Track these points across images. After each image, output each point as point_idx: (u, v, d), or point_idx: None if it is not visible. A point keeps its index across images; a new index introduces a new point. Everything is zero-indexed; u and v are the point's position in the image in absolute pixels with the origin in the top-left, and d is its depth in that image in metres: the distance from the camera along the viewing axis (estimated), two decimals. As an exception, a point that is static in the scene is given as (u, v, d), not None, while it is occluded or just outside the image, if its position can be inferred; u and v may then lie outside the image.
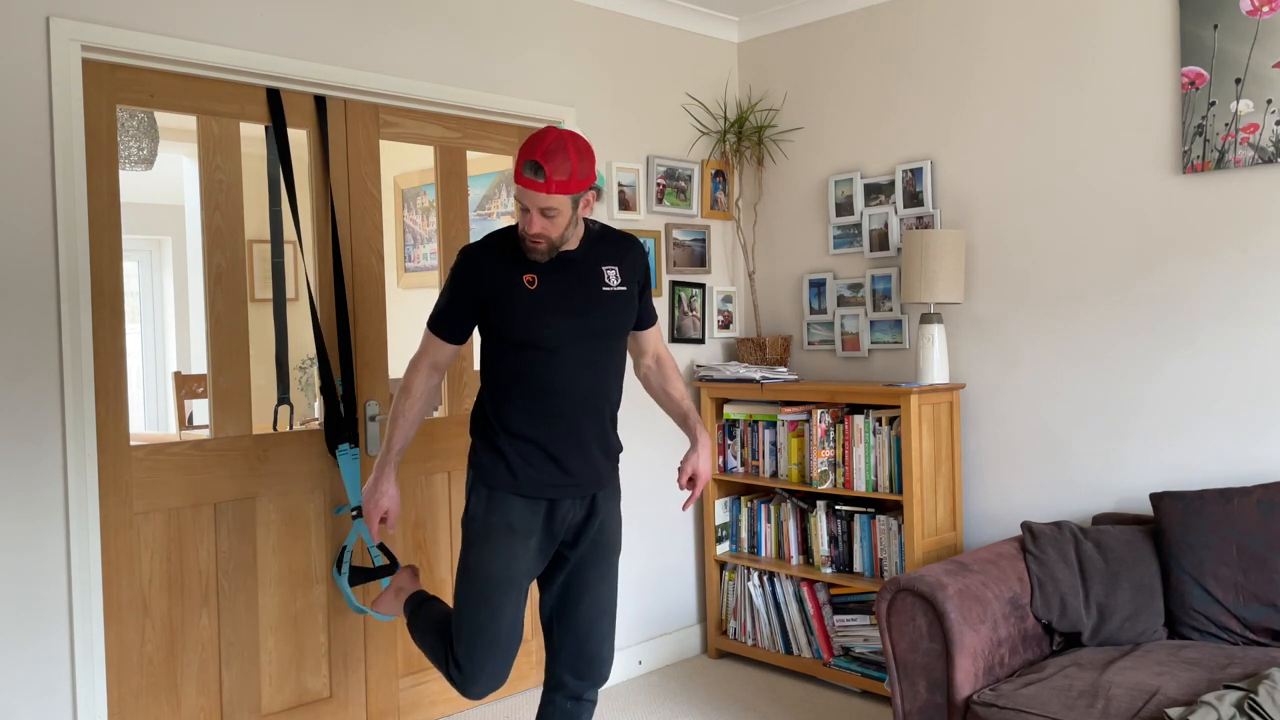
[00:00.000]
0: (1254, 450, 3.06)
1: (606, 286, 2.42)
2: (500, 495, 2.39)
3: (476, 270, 2.38)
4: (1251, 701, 2.22)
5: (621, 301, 2.45)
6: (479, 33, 3.54)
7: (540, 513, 2.41)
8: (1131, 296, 3.30)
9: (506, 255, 2.38)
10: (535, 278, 2.36)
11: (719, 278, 4.34)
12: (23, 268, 2.60)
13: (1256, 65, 2.99)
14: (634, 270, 2.51)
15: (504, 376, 2.40)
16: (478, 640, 2.37)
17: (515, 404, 2.39)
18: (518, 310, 2.34)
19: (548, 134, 2.25)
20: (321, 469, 3.21)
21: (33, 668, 2.61)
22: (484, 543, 2.38)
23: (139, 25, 2.78)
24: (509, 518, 2.38)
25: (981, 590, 2.78)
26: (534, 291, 2.35)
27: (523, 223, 2.28)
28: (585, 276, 2.40)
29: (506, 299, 2.35)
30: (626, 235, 2.56)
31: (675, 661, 4.14)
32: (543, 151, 2.21)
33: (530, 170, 2.21)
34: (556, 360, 2.35)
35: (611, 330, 2.43)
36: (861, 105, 4.00)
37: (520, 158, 2.23)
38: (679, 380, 2.68)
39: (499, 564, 2.36)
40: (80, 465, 2.67)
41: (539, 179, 2.21)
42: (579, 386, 2.39)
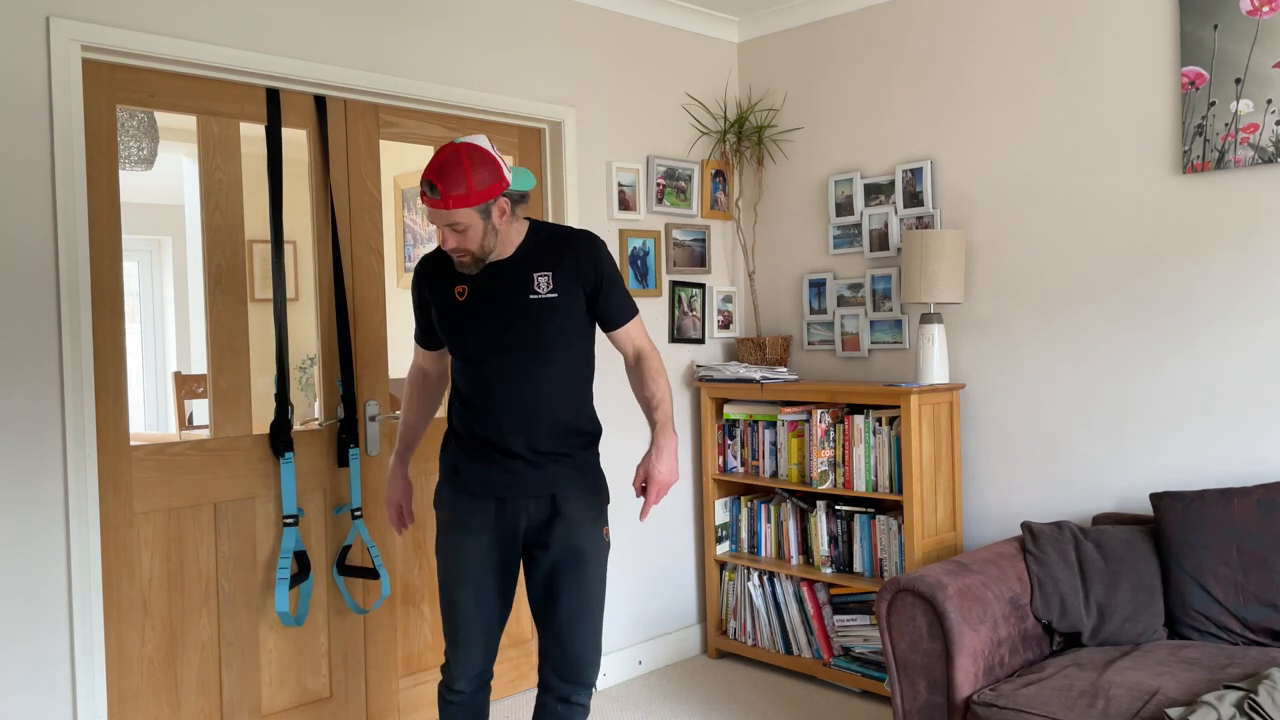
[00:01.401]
0: (1254, 450, 3.06)
1: (535, 295, 2.37)
2: (452, 493, 2.48)
3: (421, 281, 2.49)
4: (1251, 701, 2.22)
5: (551, 309, 2.38)
6: (479, 33, 3.54)
7: (490, 511, 2.44)
8: (1131, 296, 3.30)
9: (445, 266, 2.45)
10: (466, 289, 2.40)
11: (719, 278, 4.34)
12: (23, 268, 2.60)
13: (1256, 65, 2.99)
14: (575, 272, 2.40)
15: (455, 381, 2.49)
16: (447, 630, 2.50)
17: (461, 407, 2.47)
18: (446, 322, 2.42)
19: (443, 150, 2.25)
20: (322, 469, 3.21)
21: (33, 667, 2.61)
22: (445, 538, 2.48)
23: (139, 25, 2.78)
24: (460, 515, 2.46)
25: (981, 590, 2.78)
26: (461, 303, 2.40)
27: (442, 238, 2.29)
28: (514, 286, 2.38)
29: (441, 309, 2.43)
30: (574, 234, 2.45)
31: (675, 661, 4.14)
32: (434, 169, 2.22)
33: (427, 189, 2.23)
34: (485, 370, 2.39)
35: (544, 341, 2.37)
36: (861, 105, 4.00)
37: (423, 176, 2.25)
38: (655, 379, 2.48)
39: (451, 560, 2.46)
40: (80, 465, 2.67)
41: (435, 196, 2.23)
42: (507, 398, 2.38)
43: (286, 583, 2.98)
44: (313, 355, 6.19)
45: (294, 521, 3.05)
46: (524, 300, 2.37)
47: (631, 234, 3.97)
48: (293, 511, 3.05)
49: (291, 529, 3.04)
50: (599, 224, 3.89)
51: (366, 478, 3.31)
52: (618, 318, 2.50)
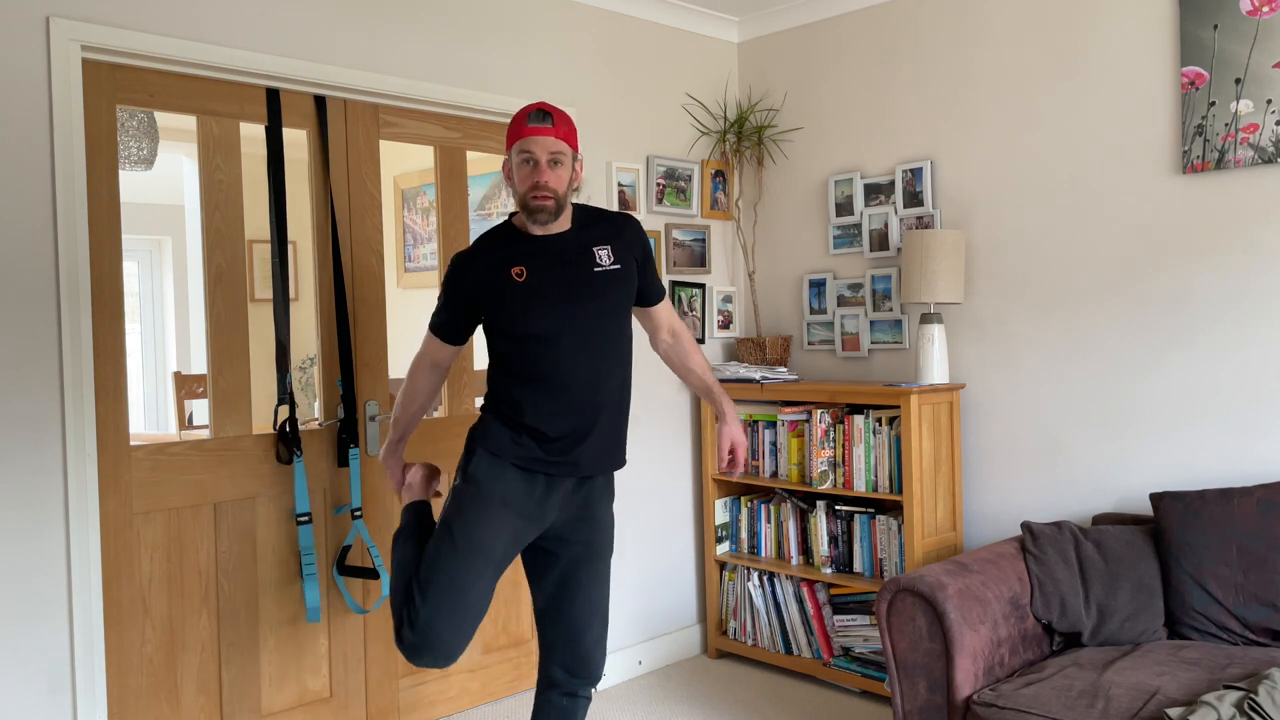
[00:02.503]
0: (1254, 450, 3.06)
1: (599, 267, 2.41)
2: (501, 464, 2.38)
3: (465, 275, 2.43)
4: (1251, 701, 2.22)
5: (616, 281, 2.44)
6: (479, 33, 3.54)
7: (535, 493, 2.39)
8: (1132, 296, 3.30)
9: (494, 254, 2.41)
10: (523, 269, 2.37)
11: (719, 278, 4.34)
12: (23, 268, 2.60)
13: (1256, 65, 2.99)
14: (630, 247, 2.50)
15: (511, 371, 2.41)
16: (443, 601, 2.26)
17: (524, 396, 2.39)
18: (511, 305, 2.36)
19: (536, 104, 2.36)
20: (322, 469, 3.21)
21: (33, 668, 2.61)
22: (477, 508, 2.33)
23: (139, 25, 2.78)
24: (505, 491, 2.36)
25: (981, 590, 2.78)
26: (523, 284, 2.36)
27: (531, 177, 2.31)
28: (575, 260, 2.40)
29: (499, 296, 2.38)
30: (619, 213, 2.56)
31: (675, 661, 4.14)
32: (545, 104, 2.34)
33: (538, 118, 2.29)
34: (557, 349, 2.36)
35: (608, 311, 2.42)
36: (861, 105, 4.00)
37: (521, 115, 2.33)
38: (698, 353, 2.69)
39: (487, 533, 2.31)
40: (80, 465, 2.67)
41: (547, 124, 2.28)
42: (583, 372, 2.39)
43: (315, 579, 3.02)
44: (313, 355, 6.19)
45: (308, 520, 3.06)
46: (589, 273, 2.40)
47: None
48: (306, 510, 3.06)
49: (307, 527, 3.05)
50: (599, 224, 3.89)
51: (366, 478, 3.31)
52: (654, 294, 2.60)
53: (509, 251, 2.40)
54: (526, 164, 2.32)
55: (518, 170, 2.34)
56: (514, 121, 2.35)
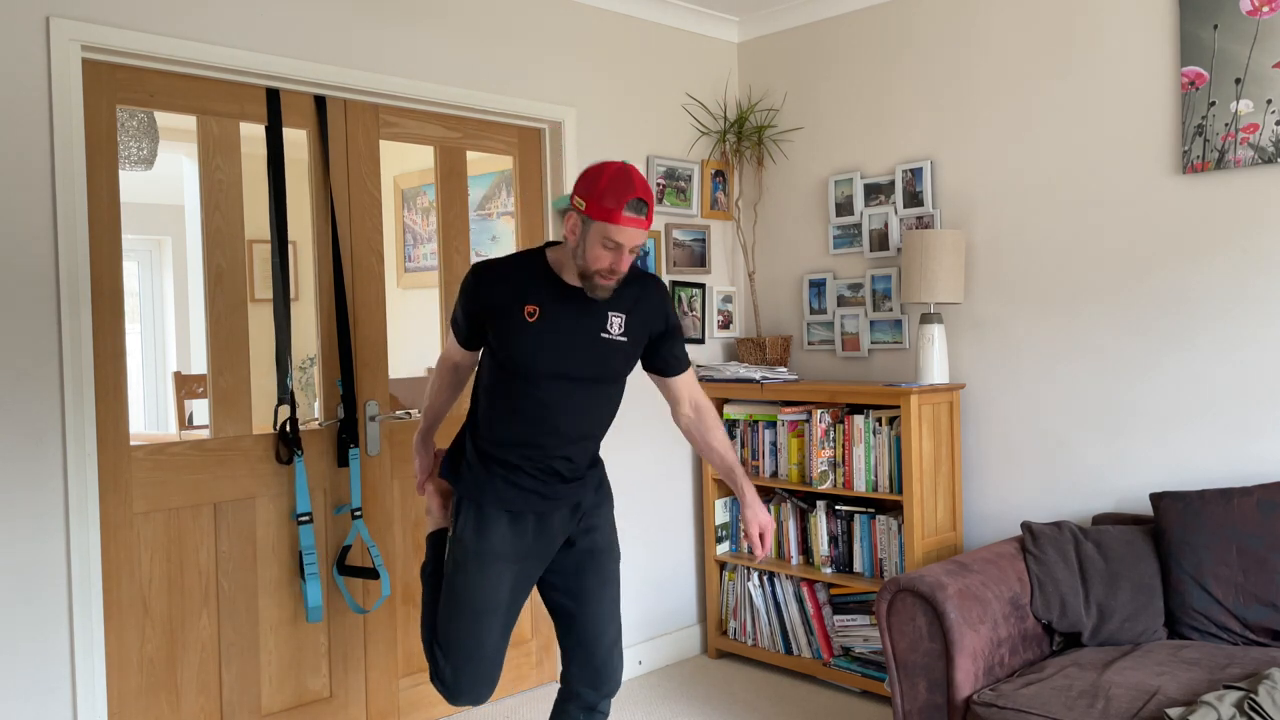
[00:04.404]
0: (1254, 450, 3.06)
1: (606, 334, 2.35)
2: (487, 515, 2.38)
3: (479, 290, 2.36)
4: (1251, 701, 2.22)
5: (619, 353, 2.38)
6: (479, 33, 3.54)
7: (528, 533, 2.40)
8: (1132, 296, 3.30)
9: (516, 281, 2.33)
10: (537, 310, 2.31)
11: (719, 278, 4.34)
12: (23, 268, 2.60)
13: (1256, 65, 2.99)
14: (647, 318, 2.42)
15: (496, 396, 2.39)
16: (465, 666, 2.38)
17: (502, 425, 2.37)
18: (512, 340, 2.31)
19: (626, 170, 2.19)
20: (322, 469, 3.21)
21: (33, 668, 2.61)
22: (473, 568, 2.37)
23: (139, 25, 2.78)
24: (497, 544, 2.37)
25: (981, 590, 2.78)
26: (531, 324, 2.30)
27: (609, 262, 2.21)
28: (588, 318, 2.34)
29: (504, 326, 2.32)
30: (647, 279, 2.45)
31: (675, 661, 4.14)
32: (642, 187, 2.18)
33: (637, 208, 2.16)
34: (543, 395, 2.33)
35: (601, 378, 2.38)
36: (861, 105, 4.00)
37: (613, 196, 2.15)
38: (721, 431, 2.58)
39: (487, 592, 2.36)
40: (80, 465, 2.67)
41: (643, 216, 2.16)
42: (563, 424, 2.36)
43: (318, 578, 3.02)
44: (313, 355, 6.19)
45: (309, 519, 3.06)
46: (596, 336, 2.33)
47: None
48: (307, 510, 3.06)
49: (307, 526, 3.05)
50: (599, 224, 3.89)
51: (366, 478, 3.31)
52: (678, 367, 2.50)
53: (531, 286, 2.33)
54: (608, 248, 2.21)
55: (594, 247, 2.20)
56: (603, 194, 2.16)
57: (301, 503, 3.06)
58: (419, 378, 5.02)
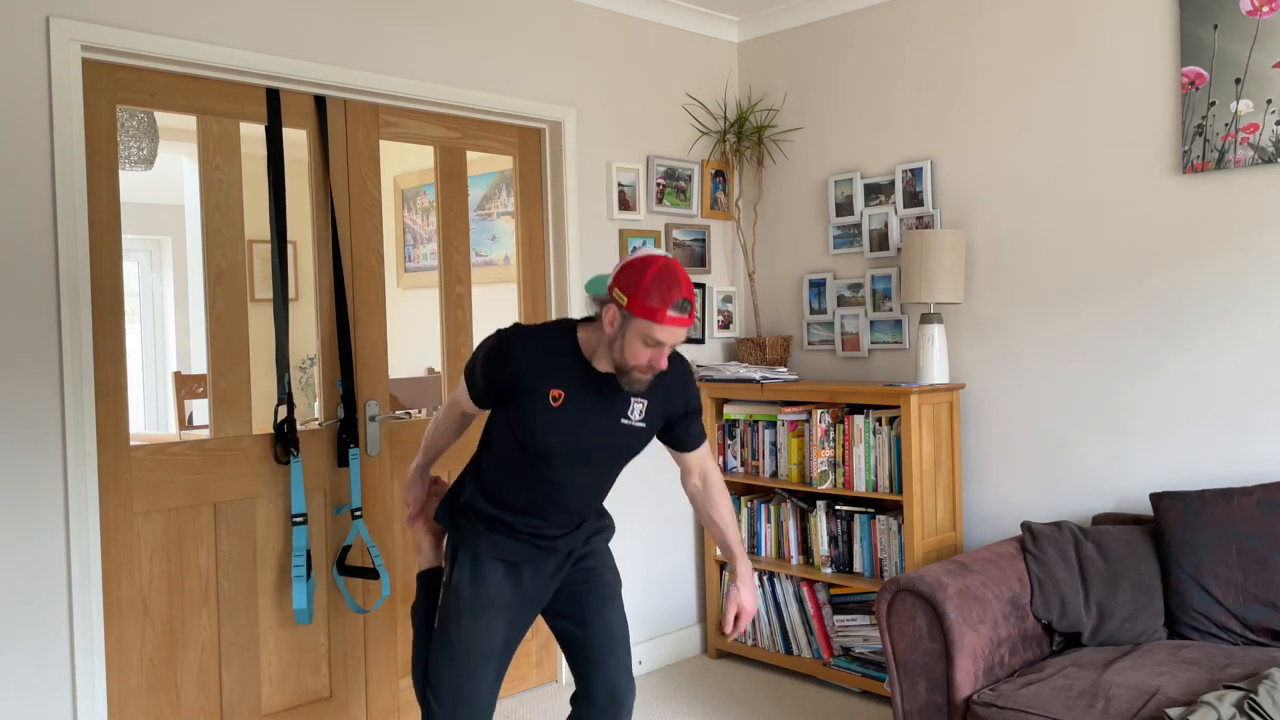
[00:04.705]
0: (1254, 450, 3.06)
1: (626, 420, 2.32)
2: (483, 564, 2.38)
3: (505, 365, 2.26)
4: (1251, 701, 2.22)
5: (637, 437, 2.36)
6: (479, 33, 3.54)
7: (524, 581, 2.40)
8: (1132, 296, 3.30)
9: (546, 361, 2.25)
10: (562, 395, 2.25)
11: (719, 278, 4.34)
12: (23, 268, 2.60)
13: (1256, 65, 2.99)
14: (669, 402, 2.38)
15: (504, 465, 2.35)
16: (459, 711, 2.37)
17: (508, 492, 2.35)
18: (532, 422, 2.25)
19: (670, 267, 2.13)
20: (322, 469, 3.21)
21: (33, 668, 2.61)
22: (468, 617, 2.36)
23: (139, 25, 2.78)
24: (492, 594, 2.36)
25: (981, 590, 2.78)
26: (555, 409, 2.25)
27: (648, 359, 2.16)
28: (611, 404, 2.30)
29: (526, 406, 2.25)
30: (682, 365, 2.40)
31: (675, 661, 4.14)
32: (687, 286, 2.12)
33: (680, 309, 2.11)
34: (555, 475, 2.31)
35: (619, 458, 2.37)
36: (861, 105, 4.00)
37: (658, 295, 2.09)
38: (725, 503, 2.52)
39: (482, 639, 2.35)
40: (80, 465, 2.67)
41: (686, 315, 2.12)
42: (570, 500, 2.36)
43: (303, 580, 3.00)
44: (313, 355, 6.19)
45: (303, 520, 3.06)
46: (616, 423, 2.30)
47: (631, 234, 3.97)
48: (302, 510, 3.06)
49: (301, 528, 3.05)
50: (599, 224, 3.89)
51: (366, 478, 3.31)
52: (694, 442, 2.47)
53: (560, 369, 2.25)
54: (648, 345, 2.14)
55: (634, 343, 2.14)
56: (647, 292, 2.10)
57: (296, 504, 3.06)
58: (419, 378, 5.02)
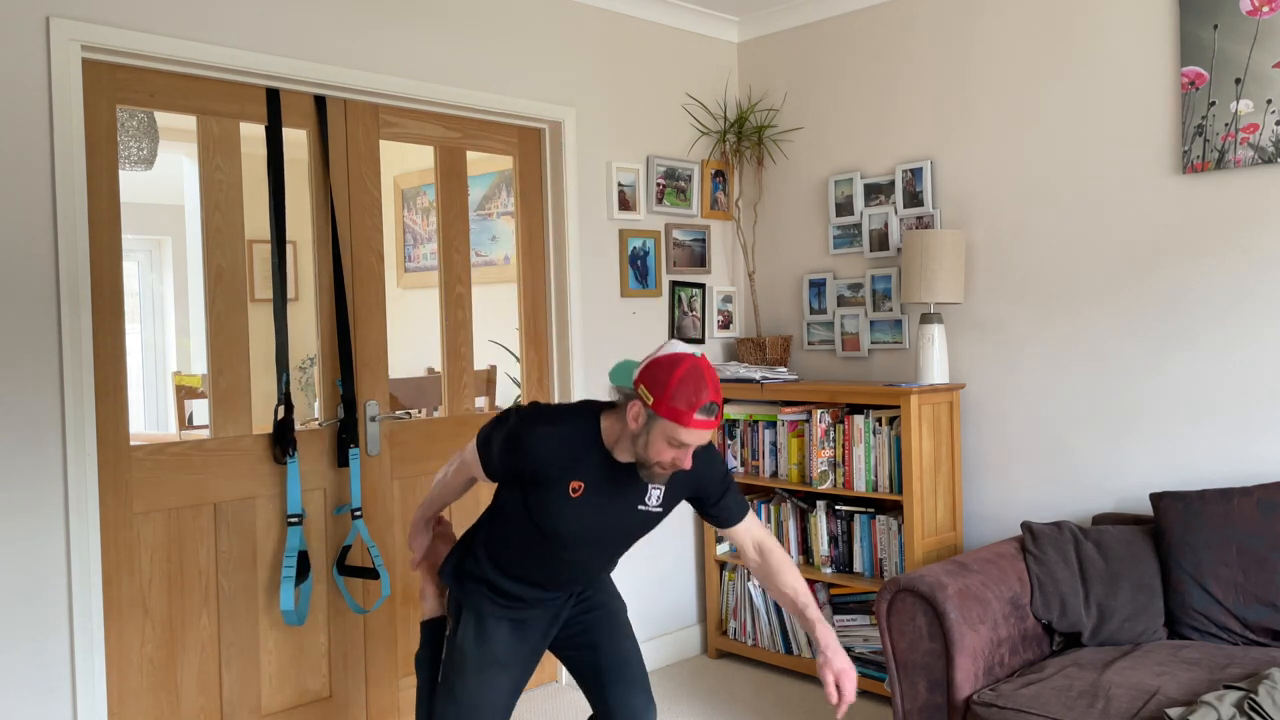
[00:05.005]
0: (1254, 450, 3.06)
1: (643, 506, 2.30)
2: (488, 622, 2.37)
3: (524, 454, 2.21)
4: (1251, 701, 2.22)
5: (654, 519, 2.35)
6: (479, 33, 3.54)
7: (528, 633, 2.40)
8: (1132, 296, 3.30)
9: (565, 454, 2.21)
10: (582, 487, 2.22)
11: (719, 278, 4.34)
12: (23, 268, 2.60)
13: (1256, 65, 2.99)
14: (689, 485, 2.34)
15: (513, 534, 2.32)
16: None
17: (518, 565, 2.33)
18: (549, 511, 2.23)
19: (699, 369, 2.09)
20: (322, 469, 3.21)
21: (33, 667, 2.61)
22: (473, 674, 2.35)
23: (139, 25, 2.78)
24: (497, 651, 2.36)
25: (981, 590, 2.78)
26: (575, 500, 2.23)
27: (672, 457, 2.13)
28: (630, 493, 2.27)
29: (544, 495, 2.23)
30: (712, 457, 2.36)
31: (675, 661, 4.14)
32: (714, 389, 2.09)
33: (707, 412, 2.08)
34: (568, 556, 2.30)
35: (630, 539, 2.36)
36: (861, 105, 4.00)
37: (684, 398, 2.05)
38: (790, 570, 2.38)
39: (485, 695, 2.35)
40: (80, 465, 2.67)
41: (713, 418, 2.10)
42: (581, 575, 2.37)
43: (292, 581, 2.99)
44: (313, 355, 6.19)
45: (298, 521, 3.06)
46: (633, 510, 2.28)
47: (631, 234, 3.97)
48: (297, 511, 3.06)
49: (295, 528, 3.05)
50: (599, 224, 3.90)
51: (366, 478, 3.31)
52: (736, 515, 2.41)
53: (581, 460, 2.21)
54: (672, 445, 2.11)
55: (658, 441, 2.11)
56: (674, 394, 2.06)
57: (292, 504, 3.05)
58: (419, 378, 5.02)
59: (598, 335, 3.88)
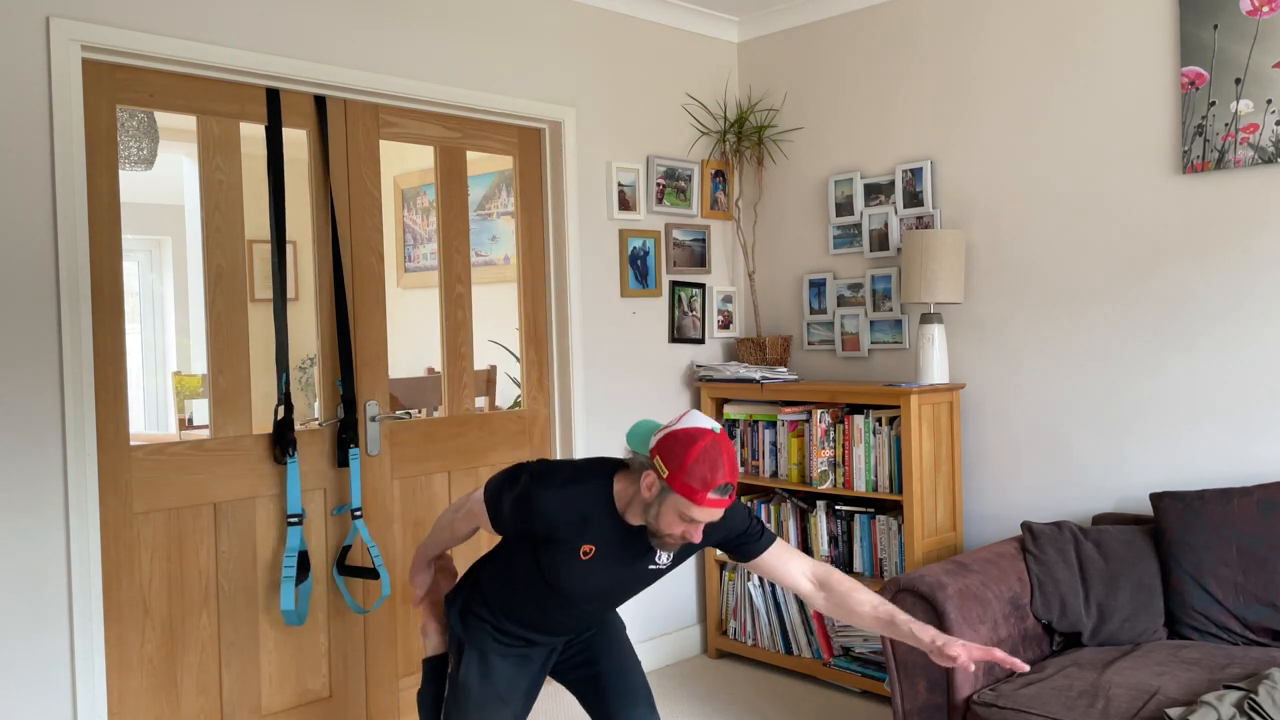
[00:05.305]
0: (1254, 450, 3.06)
1: (654, 565, 2.30)
2: (491, 659, 2.38)
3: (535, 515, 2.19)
4: (1251, 701, 2.22)
5: (660, 575, 2.35)
6: (479, 33, 3.54)
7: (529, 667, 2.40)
8: (1132, 296, 3.30)
9: (576, 518, 2.19)
10: (593, 550, 2.21)
11: (719, 278, 4.34)
12: (23, 268, 2.60)
13: (1256, 65, 2.99)
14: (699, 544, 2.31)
15: (520, 584, 2.31)
16: None
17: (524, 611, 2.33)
18: (558, 570, 2.22)
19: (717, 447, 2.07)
20: (322, 469, 3.21)
21: (33, 667, 2.61)
22: (475, 712, 2.35)
23: (139, 25, 2.78)
24: (501, 687, 2.36)
25: (981, 590, 2.78)
26: (585, 561, 2.22)
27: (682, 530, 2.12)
28: (640, 555, 2.27)
29: (554, 555, 2.21)
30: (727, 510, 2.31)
31: (675, 661, 4.14)
32: (730, 469, 2.07)
33: (723, 492, 2.07)
34: (575, 609, 2.31)
35: (637, 590, 2.35)
36: (861, 105, 4.00)
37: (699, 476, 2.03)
38: (861, 590, 2.26)
39: None
40: (80, 465, 2.67)
41: (726, 497, 2.08)
42: (588, 616, 2.37)
43: (292, 581, 2.99)
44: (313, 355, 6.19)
45: (298, 521, 3.06)
46: (643, 569, 2.28)
47: (631, 234, 3.97)
48: (297, 511, 3.06)
49: (296, 528, 3.05)
50: (599, 224, 3.89)
51: (366, 478, 3.31)
52: (758, 549, 2.34)
53: (592, 524, 2.19)
54: (684, 520, 2.09)
55: (669, 514, 2.09)
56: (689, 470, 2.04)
57: (292, 504, 3.05)
58: (419, 377, 5.02)
59: (598, 335, 3.88)
